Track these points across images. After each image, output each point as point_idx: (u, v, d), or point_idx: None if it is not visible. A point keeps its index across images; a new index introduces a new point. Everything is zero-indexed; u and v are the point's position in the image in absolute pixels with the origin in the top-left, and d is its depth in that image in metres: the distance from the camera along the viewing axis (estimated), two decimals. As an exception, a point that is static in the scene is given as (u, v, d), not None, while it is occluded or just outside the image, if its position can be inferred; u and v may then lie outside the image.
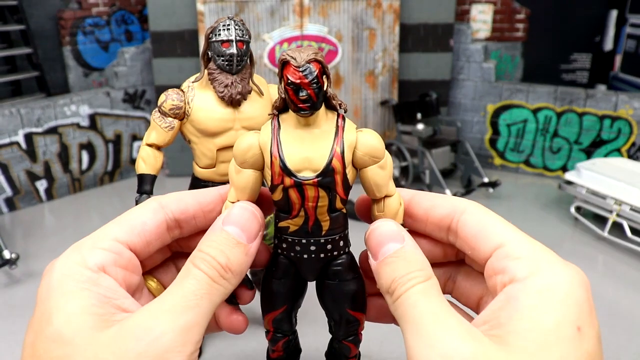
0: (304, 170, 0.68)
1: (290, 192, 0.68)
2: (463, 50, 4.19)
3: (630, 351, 2.14)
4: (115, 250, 0.58)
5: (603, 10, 4.38)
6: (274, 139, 0.68)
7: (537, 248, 0.59)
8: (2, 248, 2.63)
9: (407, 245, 0.62)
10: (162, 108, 1.70)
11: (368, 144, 0.69)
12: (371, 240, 0.65)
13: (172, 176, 4.05)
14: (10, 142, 3.47)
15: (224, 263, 0.57)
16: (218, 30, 1.66)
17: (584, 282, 0.55)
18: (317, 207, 0.69)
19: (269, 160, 0.68)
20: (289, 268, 0.75)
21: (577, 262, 2.65)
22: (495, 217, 0.65)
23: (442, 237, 0.70)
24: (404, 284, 0.57)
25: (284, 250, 0.73)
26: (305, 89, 0.65)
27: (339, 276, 0.75)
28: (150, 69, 4.06)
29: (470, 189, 3.56)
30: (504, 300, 0.54)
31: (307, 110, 0.67)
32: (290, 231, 0.71)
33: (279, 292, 0.75)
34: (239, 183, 0.70)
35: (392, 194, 0.73)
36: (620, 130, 3.82)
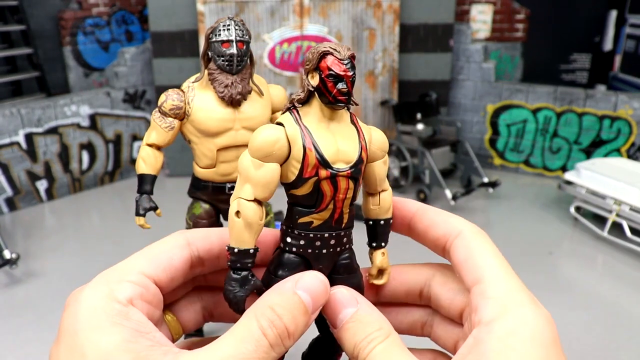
0: (337, 162, 0.69)
1: (322, 185, 0.68)
2: (463, 50, 4.19)
3: (630, 351, 2.14)
4: (143, 284, 0.58)
5: (603, 10, 4.38)
6: (302, 130, 0.69)
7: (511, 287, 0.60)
8: (3, 248, 2.64)
9: (361, 309, 0.63)
10: (162, 108, 1.71)
11: (381, 139, 0.72)
12: (328, 310, 0.66)
13: (172, 176, 4.05)
14: (11, 142, 3.47)
15: (292, 330, 0.55)
16: (218, 30, 1.66)
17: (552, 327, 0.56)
18: (346, 199, 0.70)
19: (301, 152, 0.68)
20: (299, 266, 0.74)
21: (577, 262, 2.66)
22: (482, 247, 0.66)
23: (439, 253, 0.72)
24: (365, 347, 0.59)
25: (299, 248, 0.71)
26: (347, 82, 0.67)
27: (347, 270, 0.75)
28: (151, 69, 4.06)
29: (470, 189, 3.56)
30: (472, 343, 0.56)
31: (344, 103, 0.69)
32: (314, 226, 0.70)
33: None
34: (261, 179, 0.69)
35: (388, 189, 0.75)
36: (619, 130, 3.83)
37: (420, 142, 3.61)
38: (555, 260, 2.90)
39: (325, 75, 0.67)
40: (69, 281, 2.58)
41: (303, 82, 0.70)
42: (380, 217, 0.76)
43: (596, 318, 2.35)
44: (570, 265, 2.89)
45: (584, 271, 2.81)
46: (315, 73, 0.69)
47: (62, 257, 2.86)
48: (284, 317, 0.55)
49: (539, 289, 2.76)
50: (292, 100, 0.71)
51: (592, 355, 2.11)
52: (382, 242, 0.76)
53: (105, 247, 2.96)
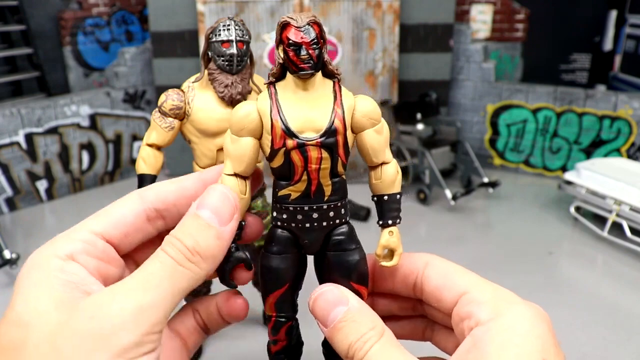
0: (306, 131, 0.69)
1: (292, 155, 0.68)
2: (463, 50, 4.19)
3: (629, 351, 2.14)
4: (88, 240, 0.58)
5: (603, 10, 4.38)
6: (272, 103, 0.69)
7: (499, 292, 0.62)
8: (3, 248, 2.64)
9: (352, 307, 0.62)
10: (162, 108, 1.71)
11: (366, 106, 0.72)
12: (317, 309, 0.66)
13: (172, 176, 4.04)
14: (11, 142, 3.47)
15: (190, 246, 0.56)
16: (218, 30, 1.66)
17: (545, 317, 0.57)
18: (320, 169, 0.69)
19: (269, 124, 0.68)
20: (289, 242, 0.73)
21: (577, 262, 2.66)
22: (456, 267, 0.68)
23: (409, 293, 0.72)
24: (361, 347, 0.59)
25: (284, 222, 0.71)
26: (307, 49, 0.67)
27: (341, 246, 0.73)
28: (151, 69, 4.06)
29: (470, 189, 3.56)
30: (471, 343, 0.57)
31: (308, 71, 0.68)
32: (292, 199, 0.70)
33: (280, 269, 0.73)
34: (236, 152, 0.70)
35: (389, 161, 0.74)
36: (619, 130, 3.83)
37: (420, 142, 3.61)
38: (555, 260, 2.90)
39: (286, 45, 0.68)
40: (69, 281, 2.58)
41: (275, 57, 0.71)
42: (385, 191, 0.74)
43: (596, 318, 2.34)
44: (570, 265, 2.89)
45: (584, 271, 2.81)
46: (281, 46, 0.69)
47: (62, 257, 2.86)
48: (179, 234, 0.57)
49: (539, 289, 2.76)
50: (268, 75, 0.72)
51: (592, 355, 2.11)
52: (388, 220, 0.74)
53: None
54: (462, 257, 2.88)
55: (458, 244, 3.07)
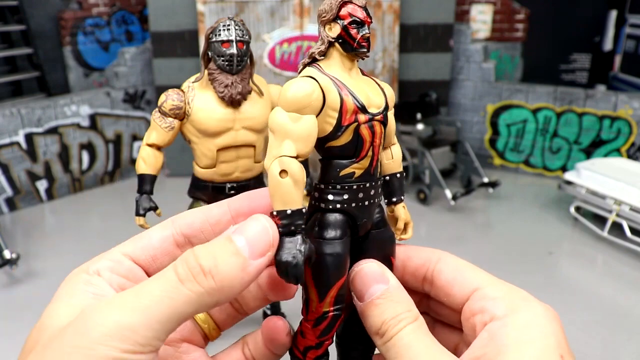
0: (370, 106, 0.70)
1: (362, 130, 0.68)
2: (463, 50, 4.19)
3: (629, 351, 2.15)
4: (115, 259, 0.59)
5: (603, 10, 4.38)
6: (333, 80, 0.67)
7: (513, 289, 0.63)
8: (3, 248, 2.64)
9: (392, 286, 0.63)
10: (162, 108, 1.71)
11: (391, 90, 0.75)
12: (357, 282, 0.66)
13: (172, 176, 4.05)
14: (11, 142, 3.47)
15: (206, 266, 0.50)
16: (218, 30, 1.66)
17: (557, 317, 0.59)
18: (380, 145, 0.70)
19: (337, 100, 0.67)
20: (346, 224, 0.70)
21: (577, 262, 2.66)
22: (468, 265, 0.69)
23: (417, 287, 0.73)
24: (394, 325, 0.59)
25: (344, 203, 0.69)
26: (368, 27, 0.69)
27: (381, 224, 0.74)
28: (151, 69, 4.06)
29: (470, 189, 3.56)
30: (487, 337, 0.57)
31: (367, 50, 0.69)
32: (356, 177, 0.69)
33: (344, 254, 0.69)
34: (301, 132, 0.66)
35: (396, 142, 0.77)
36: (619, 130, 3.83)
37: (420, 142, 3.61)
38: (555, 260, 2.90)
39: (347, 22, 0.68)
40: (69, 281, 2.58)
41: (321, 34, 0.71)
42: (395, 170, 0.76)
43: (596, 318, 2.35)
44: (570, 265, 2.89)
45: (584, 271, 2.81)
46: (335, 23, 0.69)
47: (62, 257, 2.86)
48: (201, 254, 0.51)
49: (539, 289, 2.76)
50: (312, 54, 0.71)
51: (592, 355, 2.11)
52: (401, 196, 0.77)
53: (105, 247, 2.93)
54: (462, 257, 2.87)
55: (458, 244, 3.07)
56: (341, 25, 0.69)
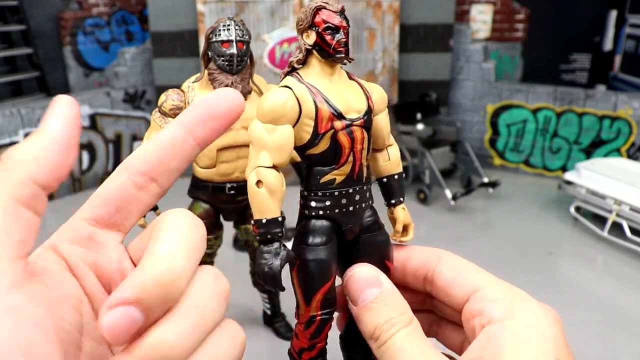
0: (349, 112, 0.70)
1: (340, 137, 0.69)
2: (463, 50, 4.19)
3: (629, 350, 2.15)
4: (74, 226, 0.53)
5: (603, 10, 4.38)
6: (309, 88, 0.68)
7: (512, 290, 0.62)
8: (3, 248, 2.64)
9: (385, 290, 0.63)
10: (162, 108, 1.71)
11: (381, 91, 0.76)
12: (350, 287, 0.66)
13: (172, 176, 4.06)
14: (11, 142, 3.47)
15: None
16: (218, 30, 1.66)
17: (557, 318, 0.58)
18: (362, 149, 0.70)
19: (312, 109, 0.67)
20: (330, 230, 0.70)
21: (577, 262, 2.65)
22: (468, 264, 0.68)
23: (419, 287, 0.73)
24: (388, 329, 0.59)
25: (326, 210, 0.70)
26: (344, 32, 0.70)
27: (373, 227, 0.74)
28: (151, 69, 4.06)
29: (470, 189, 3.56)
30: (484, 340, 0.57)
31: (343, 55, 0.70)
32: (337, 183, 0.69)
33: (328, 259, 0.70)
34: (276, 142, 0.67)
35: (393, 143, 0.77)
36: (619, 130, 3.83)
37: (420, 142, 3.61)
38: (555, 260, 2.90)
39: (322, 29, 0.68)
40: (69, 281, 2.58)
41: (299, 43, 0.71)
42: (393, 172, 0.77)
43: (596, 318, 2.35)
44: (570, 265, 2.89)
45: (584, 271, 2.81)
46: (311, 31, 0.69)
47: (62, 257, 2.86)
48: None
49: (539, 289, 2.76)
50: (291, 63, 0.71)
51: (592, 355, 2.11)
52: (400, 197, 0.77)
53: (105, 247, 2.95)
54: (462, 257, 2.88)
55: (458, 244, 3.07)
56: (316, 32, 0.69)
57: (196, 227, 0.44)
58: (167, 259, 0.39)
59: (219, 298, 0.43)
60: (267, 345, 2.17)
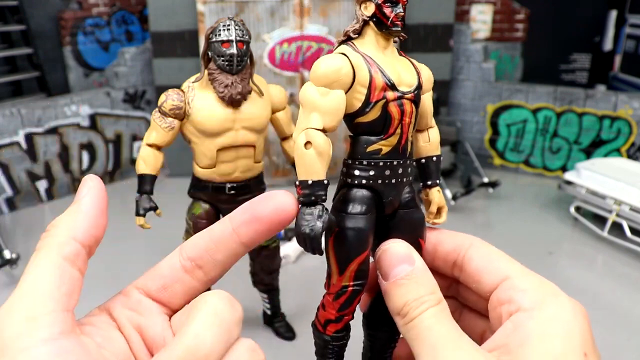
0: (401, 85, 0.70)
1: (390, 108, 0.68)
2: (463, 50, 4.19)
3: (629, 350, 2.15)
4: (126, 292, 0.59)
5: (603, 10, 4.38)
6: (365, 57, 0.68)
7: (543, 282, 0.62)
8: (3, 248, 2.64)
9: (417, 268, 0.63)
10: (162, 108, 1.71)
11: (428, 70, 0.76)
12: (382, 261, 0.66)
13: (172, 176, 4.05)
14: (11, 142, 3.47)
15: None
16: (218, 30, 1.66)
17: (585, 313, 0.58)
18: (410, 123, 0.70)
19: (367, 76, 0.67)
20: (371, 201, 0.70)
21: (577, 262, 2.65)
22: (500, 253, 0.68)
23: (447, 272, 0.73)
24: (417, 307, 0.59)
25: (369, 179, 0.70)
26: (402, 6, 0.70)
27: (411, 203, 0.75)
28: (151, 69, 4.06)
29: (470, 189, 3.56)
30: (511, 328, 0.57)
31: (400, 28, 0.70)
32: (383, 153, 0.70)
33: (367, 229, 0.70)
34: (329, 105, 0.67)
35: (434, 125, 0.77)
36: (619, 130, 3.83)
37: (420, 142, 3.62)
38: (555, 260, 2.90)
39: (382, 1, 0.69)
40: (69, 281, 2.58)
41: (356, 13, 0.72)
42: (432, 153, 0.78)
43: (596, 318, 2.34)
44: (570, 265, 2.89)
45: (584, 271, 2.81)
46: (369, 2, 0.70)
47: (62, 257, 2.86)
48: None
49: (539, 289, 2.76)
50: (347, 32, 0.72)
51: (592, 355, 2.11)
52: (437, 180, 0.78)
53: (105, 247, 2.94)
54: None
55: (458, 244, 3.07)
56: (375, 4, 0.70)
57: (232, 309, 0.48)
58: (196, 338, 0.43)
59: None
60: (267, 345, 2.17)
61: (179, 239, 2.01)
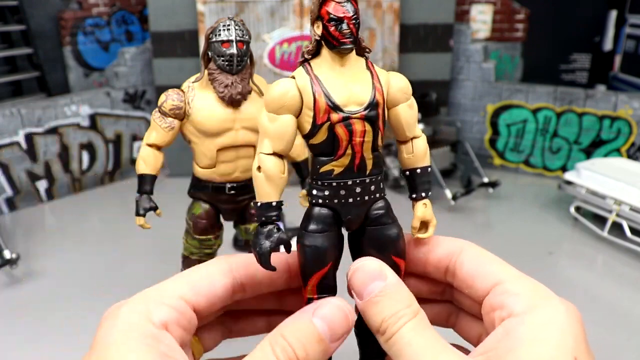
0: (349, 104, 0.70)
1: (337, 129, 0.70)
2: (463, 50, 4.19)
3: (629, 351, 2.14)
4: (180, 309, 0.58)
5: (603, 10, 4.38)
6: (312, 79, 0.69)
7: (535, 285, 0.61)
8: (3, 248, 2.64)
9: (390, 283, 0.63)
10: (162, 108, 1.71)
11: (400, 82, 0.74)
12: (355, 281, 0.66)
13: (172, 176, 4.05)
14: (11, 142, 3.47)
15: (301, 356, 0.56)
16: (218, 30, 1.66)
17: (578, 316, 0.57)
18: (364, 142, 0.71)
19: (311, 100, 0.69)
20: (330, 219, 0.72)
21: (576, 262, 2.65)
22: (491, 257, 0.68)
23: (440, 277, 0.73)
24: (394, 323, 0.59)
25: (325, 199, 0.71)
26: (348, 23, 0.69)
27: (380, 220, 0.74)
28: (151, 69, 4.06)
29: (470, 189, 3.56)
30: (502, 333, 0.56)
31: (349, 45, 0.70)
32: (335, 174, 0.70)
33: (324, 247, 0.71)
34: (276, 131, 0.70)
35: (420, 135, 0.77)
36: (619, 130, 3.83)
37: (420, 142, 3.61)
38: (555, 260, 2.90)
39: (326, 20, 0.69)
40: (69, 281, 2.58)
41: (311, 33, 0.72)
42: (417, 165, 0.77)
43: (596, 318, 2.34)
44: (570, 265, 2.89)
45: (584, 271, 2.81)
46: (319, 22, 0.70)
47: (62, 257, 2.86)
48: (294, 344, 0.56)
49: (539, 289, 2.74)
50: (303, 53, 0.72)
51: (592, 355, 2.11)
52: (422, 193, 0.76)
53: (105, 247, 2.96)
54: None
55: (458, 244, 3.07)
56: (322, 24, 0.69)
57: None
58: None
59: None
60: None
61: (179, 239, 2.01)
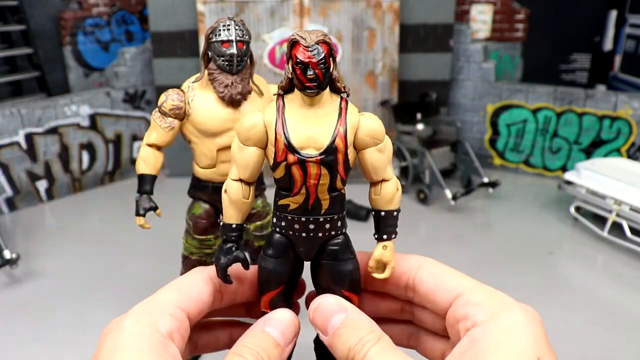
0: (307, 148, 0.70)
1: (292, 170, 0.71)
2: (463, 50, 4.19)
3: (629, 351, 2.14)
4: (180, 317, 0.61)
5: (603, 10, 4.38)
6: (278, 117, 0.71)
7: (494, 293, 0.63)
8: (3, 248, 2.64)
9: (350, 314, 0.65)
10: (162, 108, 1.71)
11: (370, 125, 0.73)
12: (317, 320, 0.68)
13: (172, 176, 4.05)
14: (11, 142, 3.47)
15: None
16: (218, 30, 1.66)
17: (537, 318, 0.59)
18: (319, 185, 0.71)
19: (273, 137, 0.71)
20: (286, 247, 0.75)
21: (577, 262, 2.66)
22: (449, 270, 0.69)
23: (400, 294, 0.74)
24: (360, 350, 0.61)
25: (282, 229, 0.74)
26: (313, 68, 0.69)
27: (335, 256, 0.75)
28: (151, 69, 4.06)
29: (470, 189, 3.56)
30: (467, 343, 0.58)
31: (314, 90, 0.70)
32: (290, 209, 0.72)
33: (276, 271, 0.74)
34: (241, 160, 0.73)
35: (390, 179, 0.76)
36: (619, 130, 3.83)
37: (420, 142, 3.61)
38: (555, 260, 2.90)
39: (293, 63, 0.69)
40: (69, 281, 2.58)
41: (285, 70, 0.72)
42: (382, 207, 0.75)
43: (596, 318, 2.34)
44: (570, 265, 2.89)
45: (584, 271, 2.81)
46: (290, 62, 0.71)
47: (62, 257, 2.86)
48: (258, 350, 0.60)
49: (538, 289, 2.77)
50: (278, 87, 0.73)
51: (592, 355, 2.11)
52: (383, 235, 0.75)
53: (105, 247, 2.96)
54: (462, 257, 2.88)
55: (458, 244, 3.07)
56: (291, 65, 0.70)
57: None
58: None
59: None
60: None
61: (179, 239, 2.01)
